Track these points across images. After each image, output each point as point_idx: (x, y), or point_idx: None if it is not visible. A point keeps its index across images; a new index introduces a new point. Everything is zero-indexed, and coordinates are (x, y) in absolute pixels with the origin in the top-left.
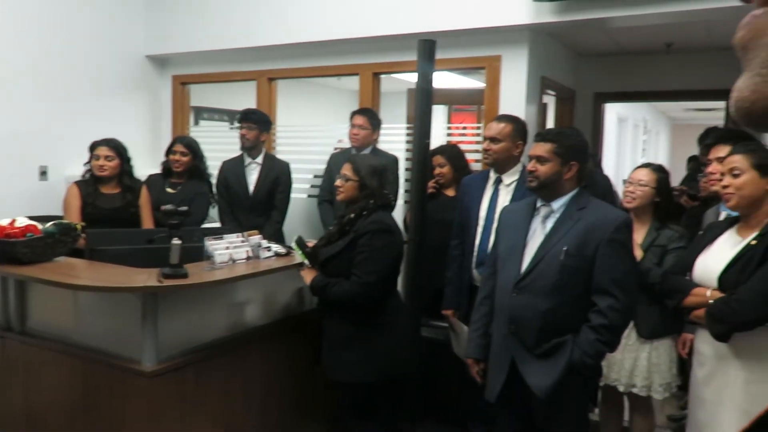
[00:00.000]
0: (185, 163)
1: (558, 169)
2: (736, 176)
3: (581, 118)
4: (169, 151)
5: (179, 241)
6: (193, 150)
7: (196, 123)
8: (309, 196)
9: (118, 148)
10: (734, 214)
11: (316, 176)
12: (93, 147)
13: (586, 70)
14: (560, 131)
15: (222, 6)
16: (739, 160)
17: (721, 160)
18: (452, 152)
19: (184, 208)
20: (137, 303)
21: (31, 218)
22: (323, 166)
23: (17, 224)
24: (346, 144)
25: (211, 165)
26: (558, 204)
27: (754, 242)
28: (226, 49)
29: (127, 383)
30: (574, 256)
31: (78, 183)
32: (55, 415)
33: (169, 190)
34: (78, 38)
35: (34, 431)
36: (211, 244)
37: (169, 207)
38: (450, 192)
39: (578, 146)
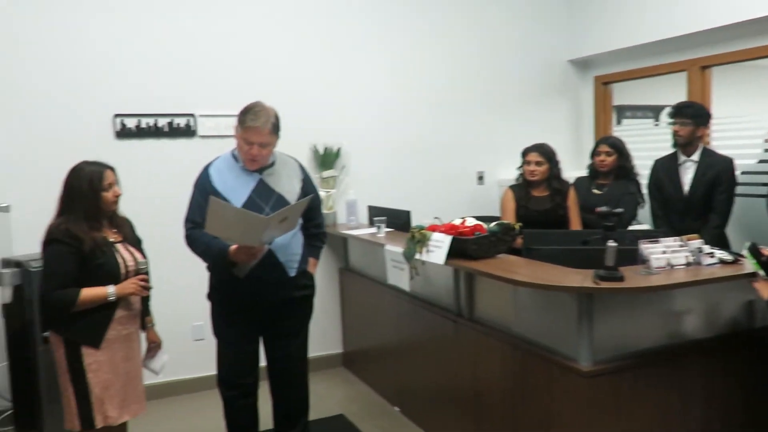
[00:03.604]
0: (610, 163)
1: None
2: None
3: None
4: (594, 152)
5: (615, 244)
6: (619, 149)
7: (618, 122)
8: (744, 195)
9: (547, 153)
10: None
11: (742, 173)
12: (524, 153)
13: None
14: None
15: None
16: None
17: None
18: None
19: (620, 210)
20: (573, 303)
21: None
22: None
23: (467, 224)
24: None
25: (637, 164)
26: None
27: None
28: (647, 43)
29: (563, 379)
30: None
31: (512, 187)
32: (496, 396)
33: (595, 191)
34: (506, 52)
35: (480, 407)
36: (647, 248)
37: (604, 209)
38: None
39: None
